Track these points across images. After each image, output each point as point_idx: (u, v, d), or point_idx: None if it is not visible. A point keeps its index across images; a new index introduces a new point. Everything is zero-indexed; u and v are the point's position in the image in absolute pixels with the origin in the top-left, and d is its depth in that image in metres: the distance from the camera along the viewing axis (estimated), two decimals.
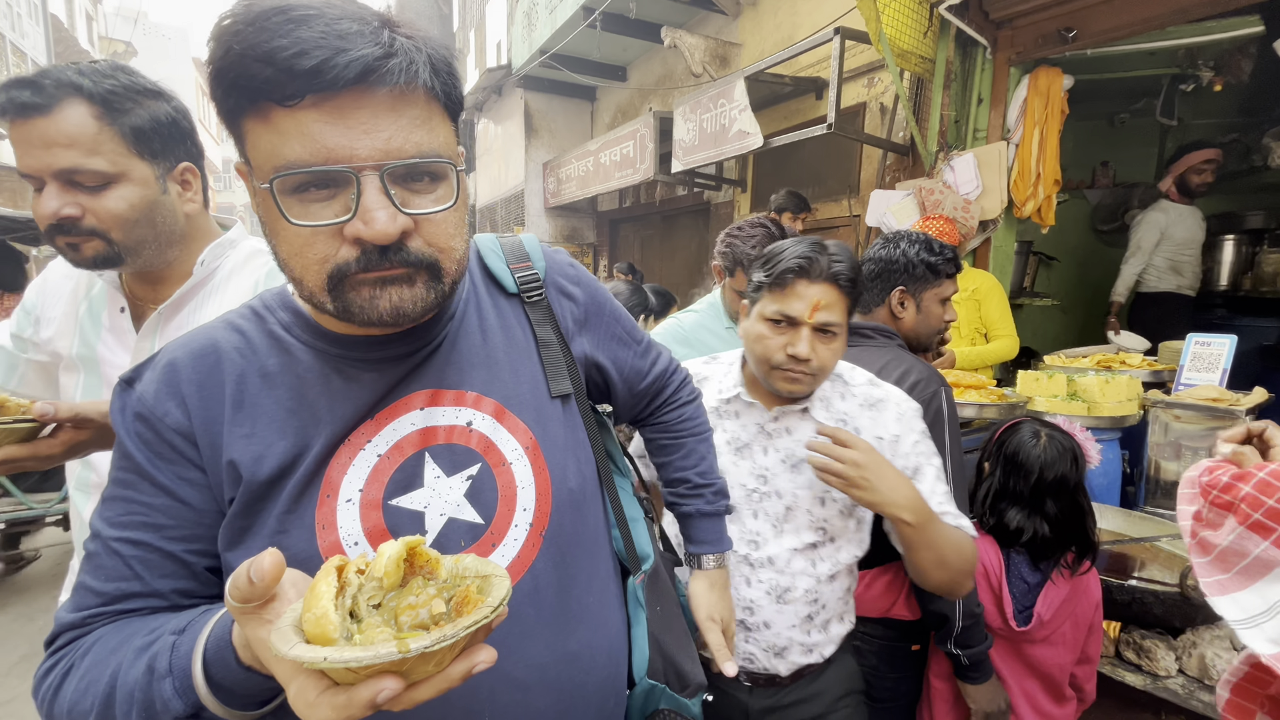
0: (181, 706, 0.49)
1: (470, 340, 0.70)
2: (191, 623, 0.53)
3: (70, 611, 0.58)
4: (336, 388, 0.63)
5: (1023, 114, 3.07)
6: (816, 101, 4.45)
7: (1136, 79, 3.58)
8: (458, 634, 0.40)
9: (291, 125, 0.51)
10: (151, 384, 0.61)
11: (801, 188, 4.40)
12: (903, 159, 3.70)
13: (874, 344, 1.44)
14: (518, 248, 0.78)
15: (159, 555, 0.58)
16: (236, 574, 0.43)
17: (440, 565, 0.48)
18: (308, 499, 0.61)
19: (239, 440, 0.60)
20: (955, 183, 3.16)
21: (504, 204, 8.74)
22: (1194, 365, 2.15)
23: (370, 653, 0.38)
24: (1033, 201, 3.09)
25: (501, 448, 0.67)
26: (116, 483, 0.60)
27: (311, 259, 0.55)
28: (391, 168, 0.53)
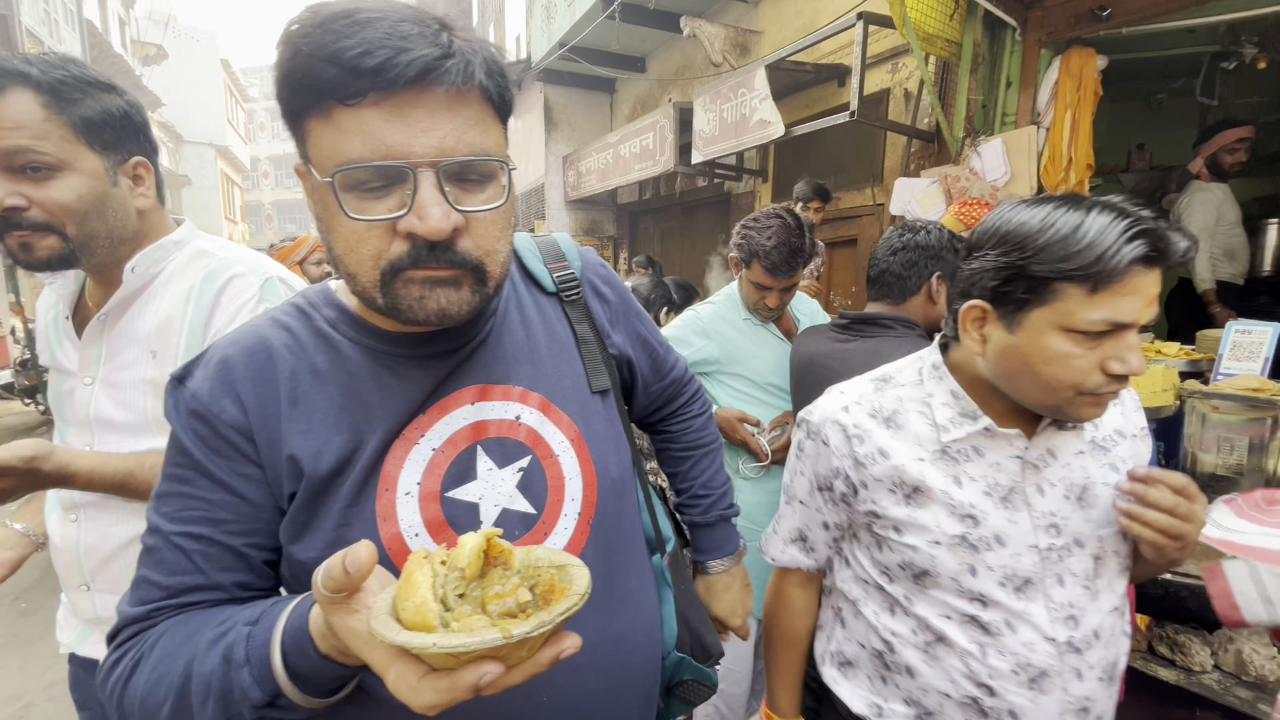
0: (260, 694, 0.51)
1: (514, 336, 0.72)
2: (264, 614, 0.54)
3: (133, 605, 0.60)
4: (387, 384, 0.65)
5: (1054, 97, 2.99)
6: (839, 89, 4.38)
7: (1174, 58, 3.45)
8: (554, 620, 0.42)
9: (353, 123, 0.53)
10: (205, 381, 0.62)
11: (824, 177, 4.34)
12: (928, 146, 3.63)
13: (894, 334, 1.42)
14: (554, 247, 0.81)
15: (219, 549, 0.60)
16: (330, 565, 0.45)
17: (513, 556, 0.49)
18: (367, 493, 0.62)
19: (297, 436, 0.62)
20: (982, 169, 3.09)
21: (524, 198, 8.78)
22: (1234, 354, 2.08)
23: (477, 638, 0.40)
24: (1064, 187, 3.00)
25: (549, 440, 0.70)
26: (173, 479, 0.61)
27: (366, 254, 0.56)
28: (446, 165, 0.55)
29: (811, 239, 1.70)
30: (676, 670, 0.84)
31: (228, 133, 23.01)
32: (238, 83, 25.35)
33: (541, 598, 0.46)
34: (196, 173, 20.82)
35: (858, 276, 4.40)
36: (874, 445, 0.87)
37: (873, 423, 0.88)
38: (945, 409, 0.86)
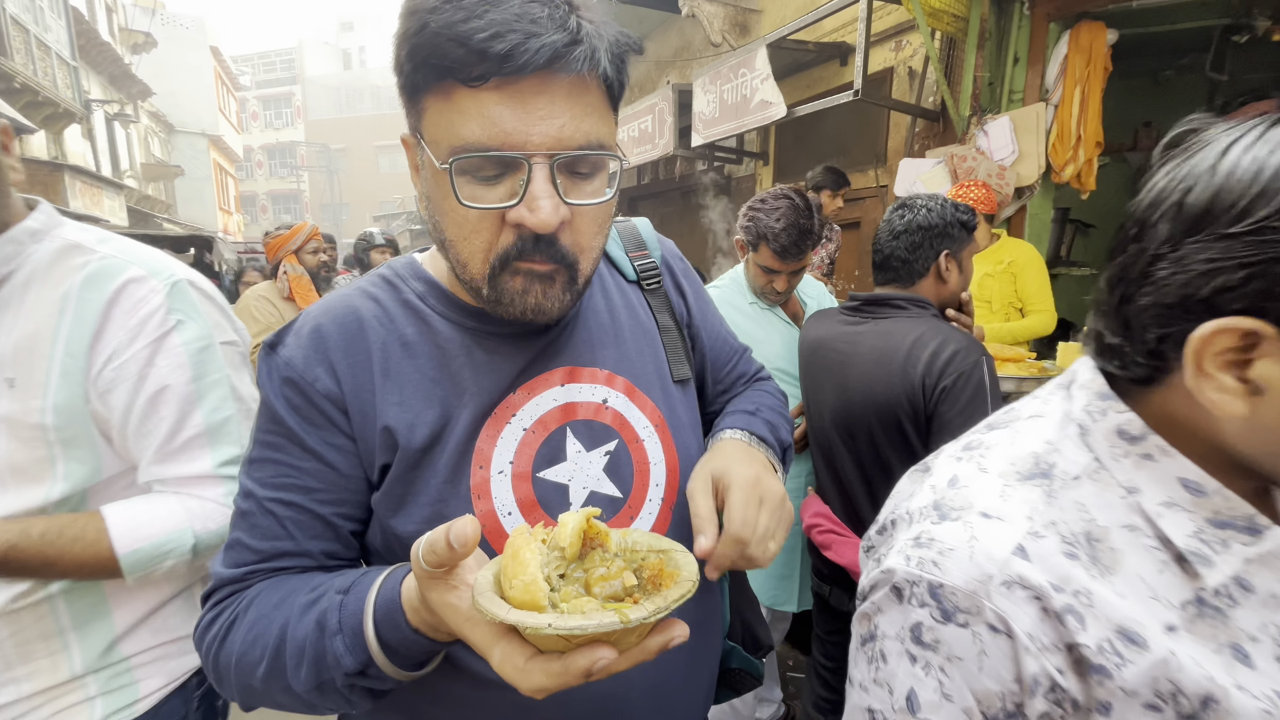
0: (353, 662, 0.52)
1: (599, 319, 0.72)
2: (355, 584, 0.55)
3: (228, 567, 0.61)
4: (479, 360, 0.65)
5: (1062, 73, 2.93)
6: (841, 68, 4.30)
7: (1184, 32, 3.37)
8: (669, 606, 0.41)
9: (473, 105, 0.52)
10: (299, 349, 0.62)
11: (826, 159, 4.28)
12: (933, 125, 3.57)
13: (908, 315, 1.39)
14: (634, 235, 0.81)
15: (309, 517, 0.61)
16: (433, 539, 0.44)
17: (610, 538, 0.48)
18: (462, 469, 0.63)
19: (391, 407, 0.62)
20: (989, 148, 3.03)
21: None
22: None
23: (593, 621, 0.39)
24: (1072, 166, 2.95)
25: (634, 424, 0.70)
26: (266, 445, 0.62)
27: (478, 245, 0.57)
28: (561, 158, 0.54)
29: (821, 221, 1.66)
30: (726, 658, 0.85)
31: (220, 122, 22.72)
32: (229, 71, 24.98)
33: (650, 581, 0.45)
34: (189, 163, 20.60)
35: (862, 260, 4.35)
36: (1105, 618, 0.44)
37: (1078, 569, 0.46)
38: (1177, 518, 0.46)
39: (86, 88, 12.69)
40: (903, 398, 1.27)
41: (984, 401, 1.20)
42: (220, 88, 23.28)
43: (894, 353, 1.30)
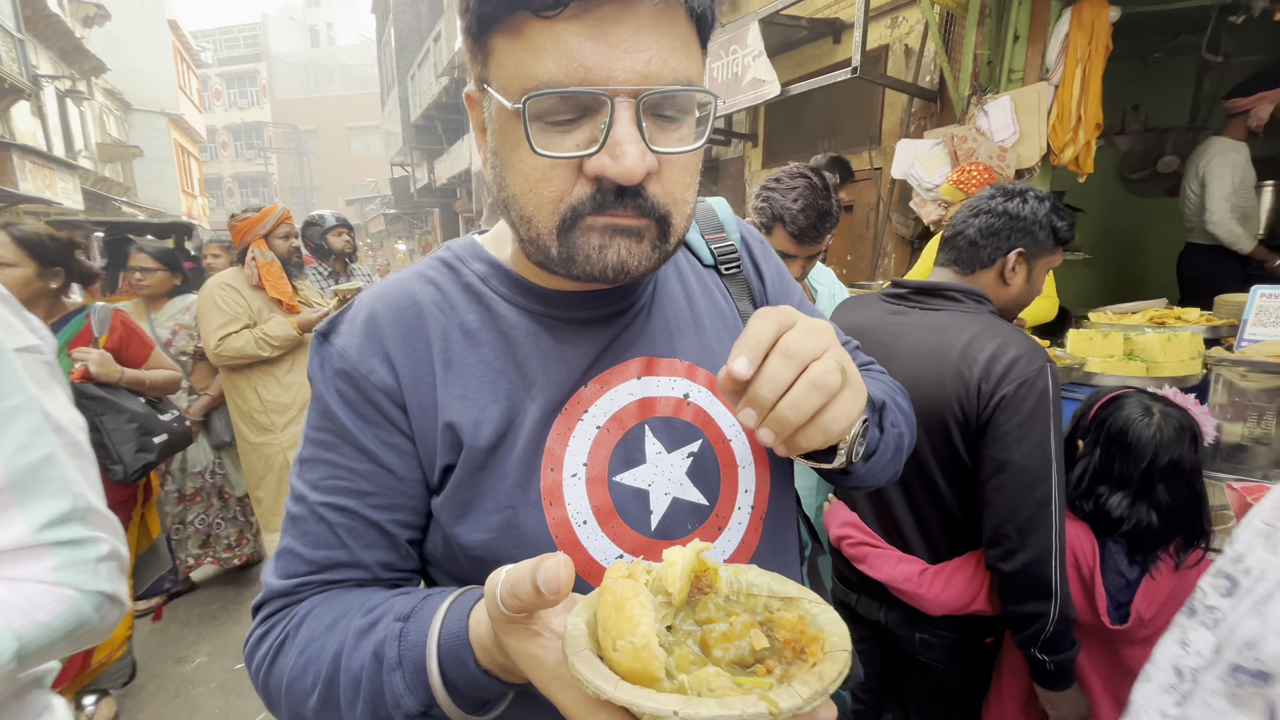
0: (414, 704, 0.46)
1: (676, 305, 0.65)
2: (416, 610, 0.49)
3: (279, 578, 0.57)
4: (547, 348, 0.59)
5: (1064, 51, 2.85)
6: (834, 46, 4.18)
7: (1181, 11, 3.33)
8: (827, 689, 0.32)
9: (548, 39, 0.46)
10: (354, 339, 0.57)
11: (819, 139, 4.17)
12: (929, 105, 3.48)
13: (962, 309, 1.24)
14: (711, 216, 0.74)
15: (363, 524, 0.56)
16: (516, 581, 0.37)
17: (719, 578, 0.40)
18: (531, 471, 0.57)
19: (454, 402, 0.56)
20: (989, 129, 2.95)
21: None
22: (1259, 319, 2.00)
23: (735, 712, 0.29)
24: (1072, 147, 2.89)
25: (719, 423, 0.62)
26: (317, 444, 0.57)
27: (547, 195, 0.50)
28: (648, 95, 0.46)
29: (838, 203, 1.55)
30: None
31: (180, 101, 21.71)
32: (189, 46, 23.83)
33: (787, 645, 0.35)
34: (148, 143, 19.67)
35: (854, 245, 4.27)
36: None
37: None
38: None
39: (34, 62, 11.98)
40: (953, 401, 1.15)
41: (1046, 414, 1.09)
42: (180, 64, 22.25)
43: (946, 350, 1.18)
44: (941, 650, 1.25)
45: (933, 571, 1.22)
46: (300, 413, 2.69)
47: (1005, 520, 1.10)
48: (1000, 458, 1.10)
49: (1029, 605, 1.09)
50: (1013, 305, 1.29)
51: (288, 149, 33.96)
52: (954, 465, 1.19)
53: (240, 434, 2.72)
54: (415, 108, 13.35)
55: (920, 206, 3.26)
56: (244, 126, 35.25)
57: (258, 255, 2.61)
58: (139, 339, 2.17)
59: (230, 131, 35.29)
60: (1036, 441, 1.08)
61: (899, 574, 1.23)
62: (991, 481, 1.12)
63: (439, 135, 12.48)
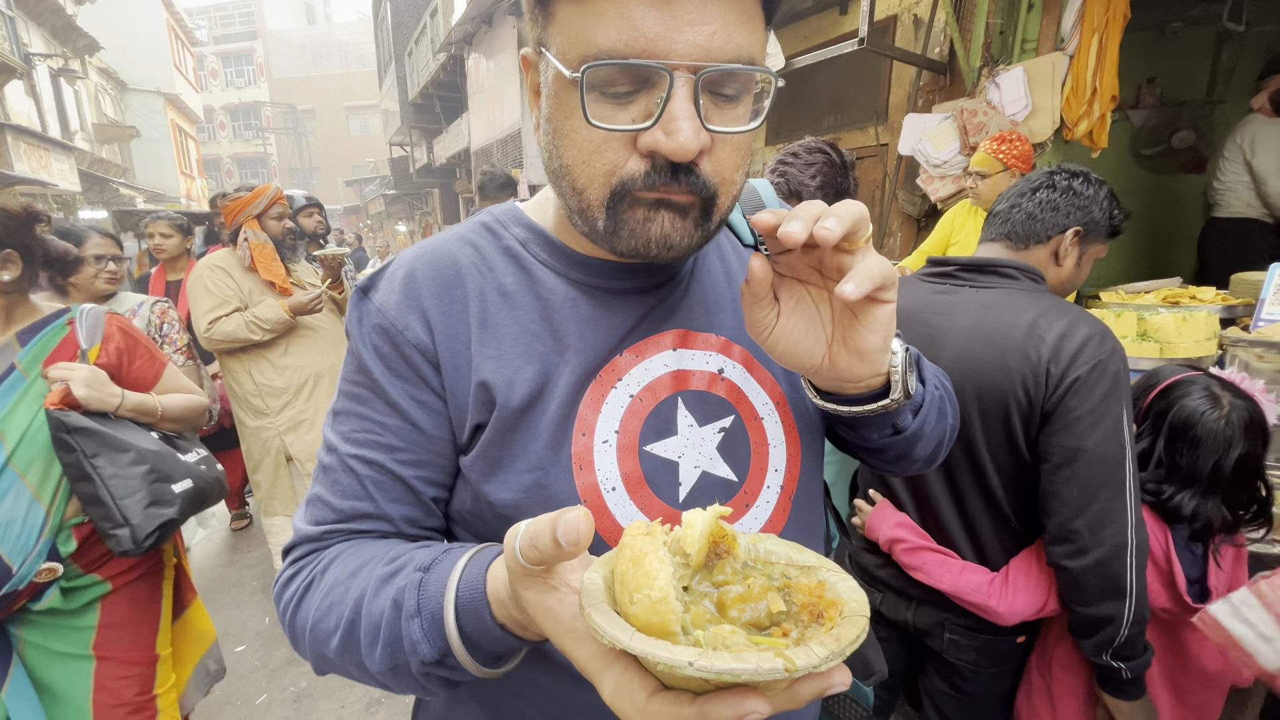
0: (430, 651, 0.46)
1: (715, 281, 0.65)
2: (436, 561, 0.49)
3: (308, 524, 0.59)
4: (585, 314, 0.59)
5: (1079, 20, 2.75)
6: (840, 17, 4.05)
7: None
8: (844, 650, 0.32)
9: (611, 5, 0.45)
10: (392, 295, 0.58)
11: (823, 115, 4.07)
12: (938, 79, 3.37)
13: (1020, 286, 1.15)
14: (754, 197, 0.72)
15: (390, 478, 0.57)
16: (536, 532, 0.37)
17: (737, 544, 0.40)
18: (563, 435, 0.57)
19: (488, 361, 0.57)
20: (1001, 102, 2.86)
21: (500, 145, 8.31)
22: (1278, 298, 1.94)
23: (751, 665, 0.29)
24: (1086, 121, 2.80)
25: (752, 400, 0.63)
26: (350, 397, 0.59)
27: (599, 168, 0.50)
28: (709, 72, 0.46)
29: (855, 182, 1.48)
30: None
31: (176, 80, 21.40)
32: (183, 24, 23.43)
33: (805, 609, 0.36)
34: (145, 123, 19.45)
35: None
36: None
37: None
38: None
39: (26, 39, 11.79)
40: (1018, 385, 1.07)
41: (1120, 399, 1.02)
42: (175, 42, 21.90)
43: (1009, 330, 1.09)
44: (973, 650, 1.20)
45: (999, 580, 1.14)
46: (295, 396, 2.66)
47: (1076, 514, 1.02)
48: (1072, 445, 1.02)
49: (1101, 607, 1.02)
50: (1061, 288, 1.22)
51: (286, 129, 33.59)
52: (1010, 455, 1.12)
53: (238, 418, 2.70)
54: (413, 86, 13.13)
55: (928, 183, 3.18)
56: (241, 106, 34.84)
57: (250, 236, 2.55)
58: (145, 351, 1.52)
59: (228, 111, 34.89)
60: (1112, 428, 1.01)
61: (965, 584, 1.15)
62: (1062, 472, 1.04)
63: (437, 114, 12.29)
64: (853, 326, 0.48)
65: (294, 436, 2.66)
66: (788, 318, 0.50)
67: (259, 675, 2.46)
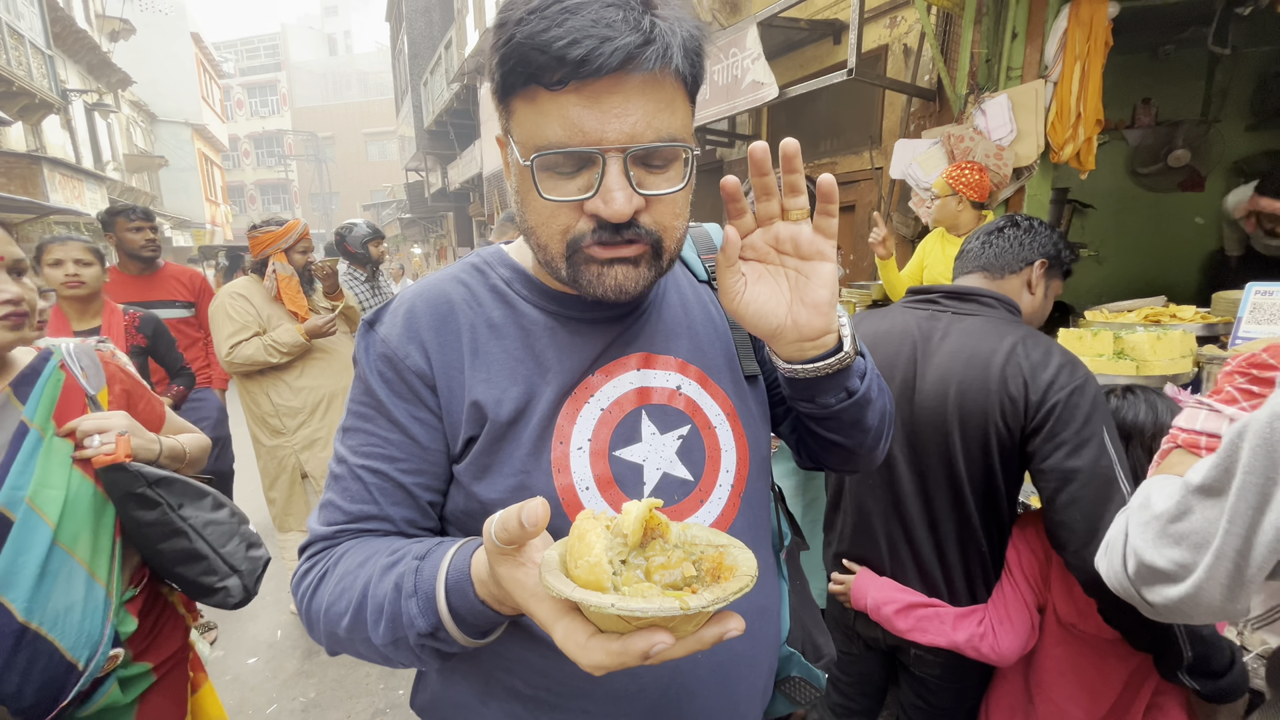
0: (424, 624, 0.56)
1: (673, 312, 0.76)
2: (430, 551, 0.59)
3: (321, 525, 0.68)
4: (563, 341, 0.69)
5: (1062, 48, 2.83)
6: (834, 47, 4.19)
7: (1186, 3, 3.27)
8: (727, 598, 0.43)
9: (554, 107, 0.56)
10: (395, 328, 0.68)
11: (820, 140, 4.18)
12: (928, 105, 3.47)
13: (999, 315, 1.20)
14: (706, 239, 0.86)
15: (392, 485, 0.67)
16: (505, 518, 0.47)
17: (670, 530, 0.50)
18: (543, 444, 0.67)
19: (480, 384, 0.67)
20: (987, 128, 2.95)
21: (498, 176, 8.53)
22: (1254, 317, 1.98)
23: (654, 605, 0.41)
24: (1072, 145, 2.87)
25: (707, 411, 0.73)
26: (358, 415, 0.68)
27: (555, 229, 0.61)
28: (634, 151, 0.57)
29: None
30: (786, 665, 0.86)
31: (203, 111, 22.26)
32: (211, 58, 24.43)
33: (709, 574, 0.47)
34: (173, 153, 20.21)
35: (856, 245, 4.27)
36: None
37: None
38: None
39: (64, 77, 12.38)
40: (997, 410, 1.11)
41: (1101, 418, 1.05)
42: (203, 75, 22.80)
43: (989, 355, 1.14)
44: (938, 666, 1.24)
45: (990, 623, 1.15)
46: (310, 416, 2.78)
47: (1085, 541, 1.00)
48: (1065, 468, 1.04)
49: (1151, 629, 0.97)
50: (1030, 320, 1.28)
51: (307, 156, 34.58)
52: (986, 477, 1.15)
53: (255, 437, 2.82)
54: (428, 113, 13.55)
55: (919, 206, 3.26)
56: (265, 135, 35.99)
57: (279, 269, 2.69)
58: (145, 390, 1.32)
59: (252, 140, 36.06)
60: (1099, 447, 1.03)
61: (961, 638, 1.16)
62: (1060, 497, 1.04)
63: (451, 140, 12.66)
64: (806, 286, 0.61)
65: (309, 454, 2.79)
66: (753, 286, 0.63)
67: (270, 686, 2.55)
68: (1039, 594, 1.17)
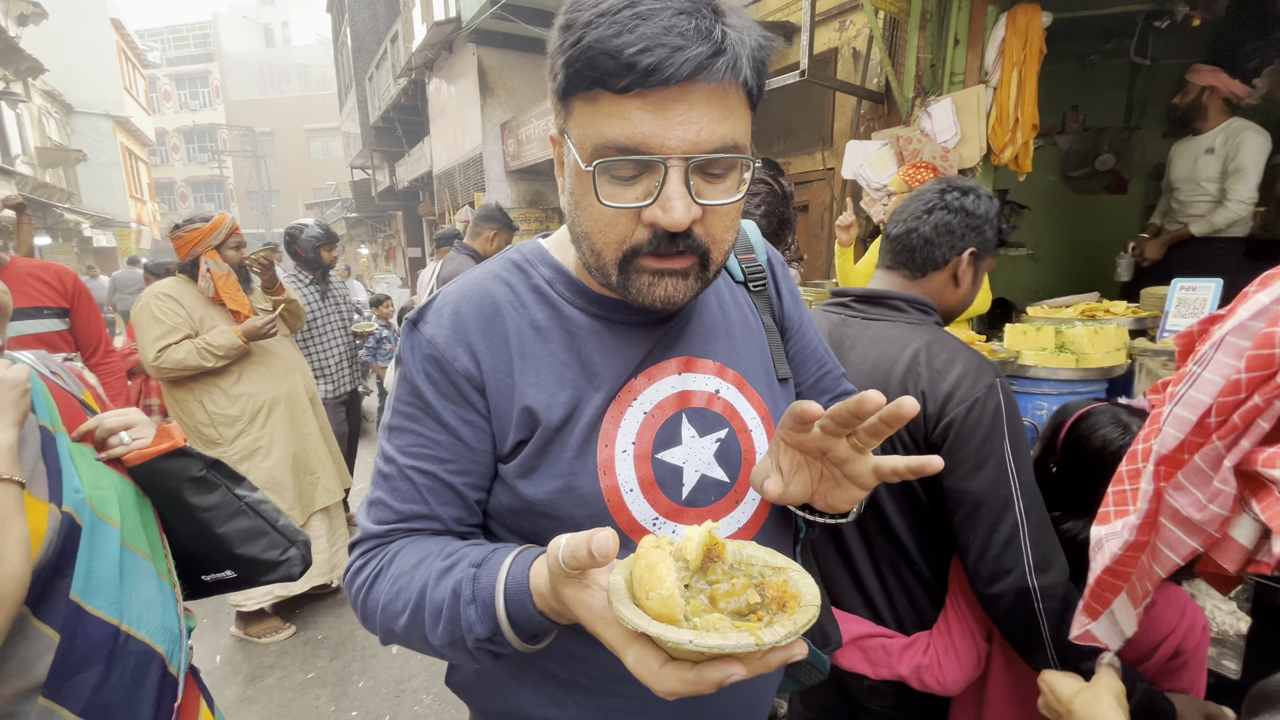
0: (484, 630, 0.58)
1: (711, 315, 0.76)
2: (487, 559, 0.60)
3: (374, 523, 0.68)
4: (609, 345, 0.70)
5: (1000, 55, 2.95)
6: (786, 48, 4.25)
7: (1110, 16, 3.48)
8: (798, 630, 0.44)
9: (616, 110, 0.56)
10: (441, 329, 0.68)
11: (773, 141, 4.24)
12: (878, 107, 3.57)
13: (907, 319, 1.15)
14: (743, 239, 0.85)
15: (441, 485, 0.67)
16: (575, 546, 0.48)
17: (726, 550, 0.52)
18: (590, 446, 0.68)
19: (530, 389, 0.67)
20: (933, 130, 3.05)
21: (461, 169, 8.34)
22: (1179, 311, 2.11)
23: (730, 642, 0.42)
24: (1011, 148, 3.00)
25: (743, 415, 0.75)
26: (405, 416, 0.68)
27: (612, 237, 0.61)
28: (697, 161, 0.57)
29: (795, 212, 1.57)
30: None
31: (126, 102, 20.82)
32: (134, 46, 22.87)
33: (774, 600, 0.48)
34: (92, 147, 18.82)
35: (809, 244, 4.35)
36: None
37: None
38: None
39: None
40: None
41: (1000, 437, 1.00)
42: (125, 64, 21.36)
43: (891, 364, 1.09)
44: (893, 696, 1.17)
45: (935, 653, 1.10)
46: (250, 424, 2.61)
47: (978, 559, 1.00)
48: (960, 489, 1.01)
49: (1030, 660, 0.99)
50: (959, 307, 1.24)
51: (243, 152, 32.89)
52: (905, 494, 1.11)
53: None
54: (374, 109, 13.09)
55: (870, 206, 3.34)
56: (196, 129, 34.00)
57: (213, 267, 2.52)
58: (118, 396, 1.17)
59: (181, 134, 34.01)
60: (996, 470, 0.99)
61: (905, 670, 1.11)
62: (956, 517, 1.03)
63: (399, 137, 12.27)
64: (833, 491, 0.63)
65: (248, 465, 2.61)
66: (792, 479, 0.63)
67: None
68: (985, 619, 1.10)
